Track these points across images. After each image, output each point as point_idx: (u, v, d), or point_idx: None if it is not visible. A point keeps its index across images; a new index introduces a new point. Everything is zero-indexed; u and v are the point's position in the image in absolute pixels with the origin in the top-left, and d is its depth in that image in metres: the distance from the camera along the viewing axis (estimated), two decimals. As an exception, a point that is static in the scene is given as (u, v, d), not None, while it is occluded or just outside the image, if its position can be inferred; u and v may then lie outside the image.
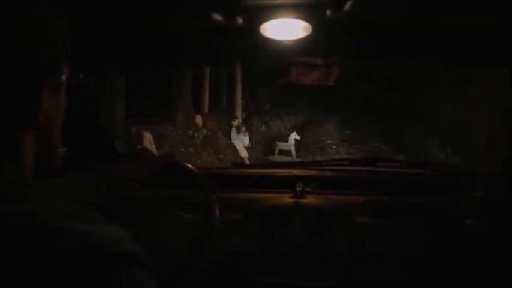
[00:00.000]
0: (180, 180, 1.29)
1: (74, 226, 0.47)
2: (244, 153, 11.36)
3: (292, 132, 12.60)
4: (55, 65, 0.57)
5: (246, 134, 11.91)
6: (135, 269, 0.49)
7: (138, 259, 0.49)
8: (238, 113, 13.00)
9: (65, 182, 0.99)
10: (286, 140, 12.47)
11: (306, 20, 1.06)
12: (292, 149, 12.33)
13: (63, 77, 0.59)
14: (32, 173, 0.57)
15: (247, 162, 9.71)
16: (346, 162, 1.90)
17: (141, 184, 1.23)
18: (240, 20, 1.07)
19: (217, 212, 1.23)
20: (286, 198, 1.55)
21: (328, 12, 1.02)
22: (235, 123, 12.19)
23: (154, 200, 1.30)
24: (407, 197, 1.53)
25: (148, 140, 8.90)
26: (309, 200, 1.54)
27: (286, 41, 1.16)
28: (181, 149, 10.04)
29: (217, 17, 1.07)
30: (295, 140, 12.36)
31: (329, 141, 13.08)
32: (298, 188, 1.56)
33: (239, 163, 3.46)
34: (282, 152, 12.34)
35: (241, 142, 11.66)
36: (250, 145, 11.98)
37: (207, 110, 12.63)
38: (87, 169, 1.07)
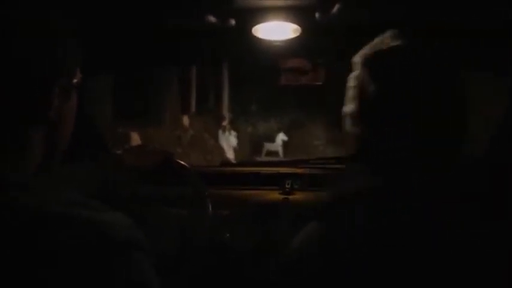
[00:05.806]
0: (173, 177, 1.33)
1: (78, 214, 0.49)
2: (230, 155, 11.28)
3: (280, 132, 12.59)
4: (67, 66, 0.59)
5: (231, 132, 11.74)
6: (137, 255, 0.51)
7: (140, 246, 0.52)
8: (226, 114, 12.94)
9: (68, 171, 1.02)
10: (274, 141, 12.46)
11: (296, 22, 1.10)
12: (280, 149, 12.32)
13: (75, 79, 0.61)
14: (36, 167, 0.60)
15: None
16: (333, 161, 1.94)
17: (138, 179, 1.26)
18: (232, 22, 1.11)
19: (210, 208, 1.27)
20: (276, 195, 1.58)
21: (317, 15, 1.06)
22: (224, 123, 12.09)
23: (149, 196, 1.33)
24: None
25: (135, 141, 8.82)
26: (298, 196, 1.58)
27: (277, 41, 1.19)
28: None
29: (211, 18, 1.10)
30: (282, 140, 12.35)
31: (316, 142, 13.11)
32: (287, 186, 1.59)
33: (228, 161, 3.47)
34: (270, 153, 12.33)
35: (228, 142, 11.54)
36: (236, 145, 11.80)
37: (194, 110, 12.56)
38: (91, 156, 1.11)
